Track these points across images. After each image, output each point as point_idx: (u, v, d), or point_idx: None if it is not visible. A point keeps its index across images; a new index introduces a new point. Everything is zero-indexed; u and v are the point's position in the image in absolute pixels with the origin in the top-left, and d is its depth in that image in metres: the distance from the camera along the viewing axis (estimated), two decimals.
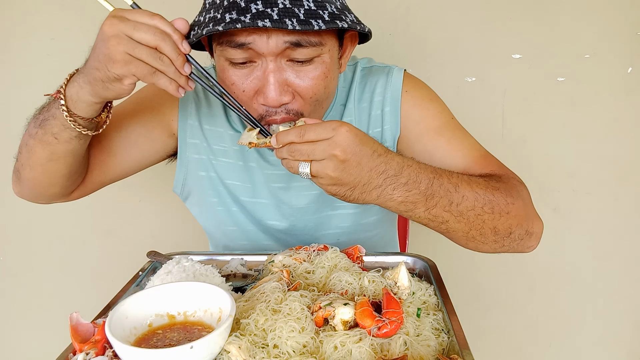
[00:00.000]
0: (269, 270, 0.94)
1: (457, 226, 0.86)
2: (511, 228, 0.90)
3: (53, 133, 0.87)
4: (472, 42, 1.68)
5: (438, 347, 0.75)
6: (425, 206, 0.82)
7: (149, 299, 0.74)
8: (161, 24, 0.76)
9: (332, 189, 0.79)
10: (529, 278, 1.91)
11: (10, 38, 1.69)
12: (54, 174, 0.95)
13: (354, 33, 0.97)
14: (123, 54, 0.73)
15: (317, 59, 0.89)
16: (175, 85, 0.78)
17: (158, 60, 0.75)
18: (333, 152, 0.74)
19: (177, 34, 0.77)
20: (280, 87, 0.87)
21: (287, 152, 0.77)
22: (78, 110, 0.83)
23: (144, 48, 0.74)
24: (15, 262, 1.91)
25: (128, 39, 0.73)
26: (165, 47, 0.75)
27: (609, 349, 1.97)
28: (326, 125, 0.75)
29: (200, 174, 1.14)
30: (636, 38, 1.65)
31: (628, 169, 1.78)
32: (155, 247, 1.06)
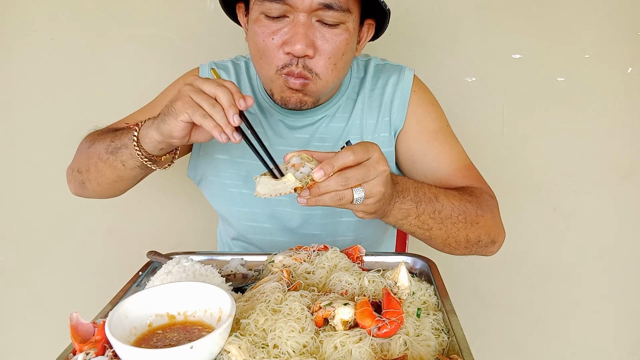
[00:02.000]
0: (269, 270, 0.94)
1: (438, 233, 0.96)
2: (480, 237, 1.01)
3: (122, 160, 0.99)
4: (472, 42, 1.68)
5: (438, 347, 0.75)
6: (416, 213, 0.91)
7: (149, 299, 0.74)
8: (228, 84, 0.85)
9: (375, 206, 0.83)
10: (529, 278, 1.91)
11: (10, 38, 1.69)
12: (116, 189, 1.12)
13: (372, 24, 1.10)
14: (186, 96, 0.84)
15: (342, 25, 0.99)
16: (219, 130, 0.83)
17: (210, 106, 0.83)
18: (383, 167, 0.79)
19: (238, 94, 0.85)
20: (307, 39, 0.96)
21: (339, 182, 0.76)
22: (144, 144, 0.94)
23: (204, 95, 0.84)
24: (15, 262, 1.91)
25: (197, 88, 0.85)
26: (221, 96, 0.83)
27: (609, 349, 1.97)
28: (365, 144, 0.79)
29: (214, 156, 1.21)
30: (636, 38, 1.65)
31: (628, 169, 1.78)
32: (155, 247, 1.06)
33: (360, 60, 1.24)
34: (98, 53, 1.70)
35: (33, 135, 1.78)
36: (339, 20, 0.97)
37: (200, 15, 1.66)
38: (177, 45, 1.69)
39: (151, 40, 1.68)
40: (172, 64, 1.70)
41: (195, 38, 1.68)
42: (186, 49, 1.69)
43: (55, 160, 1.80)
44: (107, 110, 1.74)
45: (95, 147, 1.05)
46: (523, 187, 1.81)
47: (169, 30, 1.68)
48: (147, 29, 1.68)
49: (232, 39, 1.57)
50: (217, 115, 0.82)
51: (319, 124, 1.18)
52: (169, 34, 1.68)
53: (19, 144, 1.79)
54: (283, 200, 1.19)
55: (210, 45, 1.68)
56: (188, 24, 1.67)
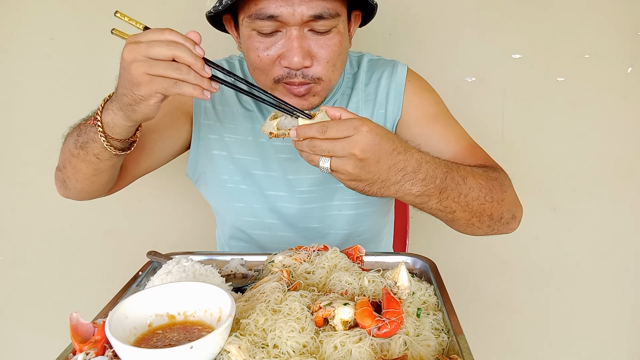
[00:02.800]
0: (269, 270, 0.94)
1: (461, 215, 0.94)
2: (502, 214, 1.00)
3: (95, 154, 0.94)
4: (472, 42, 1.68)
5: (438, 347, 0.75)
6: (438, 198, 0.89)
7: (149, 299, 0.74)
8: (172, 36, 0.78)
9: (351, 184, 0.83)
10: (529, 278, 1.91)
11: (10, 38, 1.69)
12: (98, 183, 1.05)
13: (358, 13, 1.10)
14: (143, 75, 0.77)
15: (334, 30, 1.00)
16: (200, 90, 0.80)
17: (177, 70, 0.77)
18: (352, 151, 0.78)
19: (189, 42, 0.79)
20: (303, 51, 0.97)
21: (308, 146, 0.80)
22: (115, 134, 0.90)
23: (162, 62, 0.77)
24: (15, 262, 1.91)
25: (145, 59, 0.77)
26: (180, 55, 0.77)
27: (609, 349, 1.97)
28: (348, 123, 0.78)
29: (213, 153, 1.21)
30: (636, 38, 1.65)
31: (628, 169, 1.78)
32: (155, 247, 1.06)
33: (353, 55, 1.25)
34: (98, 53, 1.70)
35: (33, 135, 1.78)
36: (330, 26, 0.99)
37: (200, 15, 1.66)
38: None
39: None
40: None
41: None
42: None
43: (55, 161, 1.79)
44: None
45: (66, 143, 1.01)
46: (523, 187, 1.80)
47: None
48: None
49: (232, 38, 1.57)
50: (189, 77, 0.78)
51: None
52: None
53: (19, 144, 1.79)
54: (282, 196, 1.21)
55: (209, 45, 1.68)
56: (188, 24, 1.67)
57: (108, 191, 1.13)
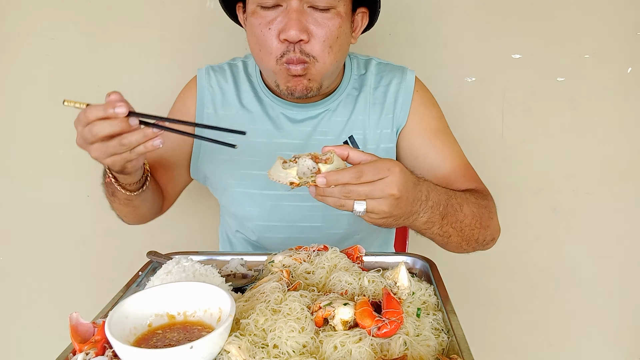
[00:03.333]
0: (269, 270, 0.94)
1: (455, 239, 1.01)
2: (486, 237, 1.08)
3: (125, 197, 1.06)
4: (472, 42, 1.68)
5: (438, 347, 0.75)
6: (440, 224, 0.95)
7: (149, 299, 0.74)
8: (94, 114, 0.81)
9: (380, 221, 0.85)
10: (529, 278, 1.91)
11: (10, 38, 1.69)
12: (145, 213, 1.21)
13: (365, 12, 1.14)
14: (104, 159, 0.86)
15: (333, 10, 1.04)
16: (150, 143, 0.84)
17: (121, 146, 0.82)
18: (391, 192, 0.80)
19: (109, 107, 0.81)
20: (300, 24, 1.01)
21: (341, 192, 0.79)
22: (128, 182, 1.02)
23: (107, 144, 0.82)
24: (15, 262, 1.91)
25: (96, 146, 0.83)
26: (111, 130, 0.81)
27: (609, 349, 1.97)
28: (380, 165, 0.80)
29: (214, 156, 1.24)
30: (636, 38, 1.65)
31: (628, 169, 1.78)
32: (155, 247, 1.06)
33: (360, 58, 1.27)
34: (98, 53, 1.70)
35: (33, 135, 1.78)
36: (329, 5, 1.02)
37: (200, 15, 1.66)
38: (177, 45, 1.69)
39: (151, 40, 1.68)
40: (172, 64, 1.70)
41: (195, 38, 1.68)
42: (186, 49, 1.69)
43: (55, 160, 1.80)
44: None
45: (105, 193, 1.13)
46: (523, 187, 1.81)
47: (169, 30, 1.68)
48: (147, 29, 1.68)
49: (232, 38, 1.58)
50: (133, 141, 0.82)
51: (320, 118, 1.21)
52: (169, 34, 1.68)
53: (19, 144, 1.79)
54: (284, 195, 1.21)
55: (210, 45, 1.68)
56: (188, 24, 1.67)
57: (159, 212, 1.29)
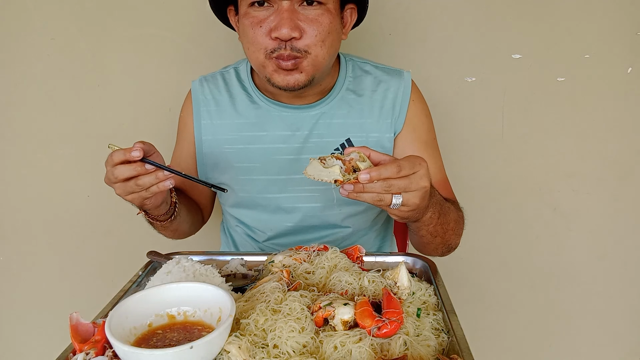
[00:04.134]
0: (269, 270, 0.94)
1: (438, 240, 1.07)
2: (453, 245, 1.15)
3: (160, 226, 1.14)
4: (472, 42, 1.68)
5: (438, 347, 0.76)
6: (436, 222, 1.00)
7: (149, 299, 0.74)
8: (117, 156, 0.91)
9: (409, 213, 0.89)
10: (529, 278, 1.91)
11: (10, 38, 1.69)
12: (186, 229, 1.27)
13: (354, 8, 1.15)
14: (126, 196, 0.95)
15: (323, 6, 1.06)
16: (162, 184, 0.92)
17: (137, 186, 0.92)
18: (425, 184, 0.85)
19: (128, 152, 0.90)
20: (292, 22, 1.02)
21: (382, 187, 0.83)
22: (157, 214, 1.08)
23: (126, 184, 0.92)
24: (15, 262, 1.91)
25: (116, 185, 0.93)
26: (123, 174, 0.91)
27: (609, 349, 1.97)
28: (414, 160, 0.85)
29: (217, 165, 1.26)
30: (636, 38, 1.65)
31: (628, 169, 1.78)
32: (155, 247, 1.07)
33: (356, 61, 1.27)
34: (98, 53, 1.70)
35: (33, 135, 1.78)
36: (319, 1, 1.04)
37: (200, 15, 1.66)
38: (177, 45, 1.69)
39: (151, 40, 1.68)
40: (172, 64, 1.70)
41: (195, 38, 1.68)
42: (186, 49, 1.69)
43: (56, 161, 1.80)
44: (107, 110, 1.75)
45: None
46: (523, 187, 1.81)
47: (169, 30, 1.68)
48: (147, 29, 1.68)
49: (232, 38, 1.57)
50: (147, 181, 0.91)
51: (317, 120, 1.20)
52: (169, 34, 1.68)
53: (19, 144, 1.79)
54: (286, 197, 1.23)
55: (210, 45, 1.68)
56: (188, 24, 1.67)
57: (202, 223, 1.37)
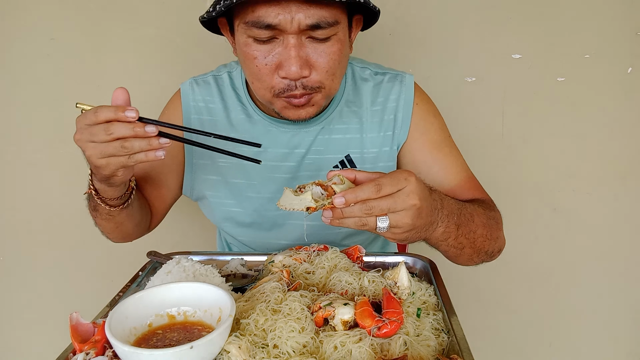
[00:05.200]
0: (269, 270, 0.94)
1: (468, 251, 0.96)
2: (494, 249, 1.04)
3: (107, 212, 1.01)
4: (472, 42, 1.68)
5: (438, 347, 0.75)
6: (455, 235, 0.91)
7: (149, 299, 0.74)
8: (105, 114, 0.79)
9: (404, 235, 0.80)
10: (529, 278, 1.91)
11: (10, 38, 1.69)
12: (127, 230, 1.12)
13: (360, 17, 1.06)
14: (98, 160, 0.81)
15: (334, 37, 0.96)
16: (152, 153, 0.81)
17: (123, 149, 0.79)
18: (413, 202, 0.76)
19: (120, 111, 0.79)
20: (301, 60, 0.94)
21: (362, 210, 0.75)
22: (109, 197, 0.96)
23: (108, 145, 0.79)
24: (15, 262, 1.91)
25: (94, 145, 0.80)
26: (119, 133, 0.78)
27: (609, 349, 1.97)
28: (397, 176, 0.77)
29: (207, 177, 1.20)
30: (636, 38, 1.65)
31: (628, 169, 1.78)
32: (155, 247, 1.06)
33: (355, 65, 1.19)
34: (98, 53, 1.70)
35: (33, 135, 1.78)
36: (329, 34, 0.94)
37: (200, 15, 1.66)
38: (177, 45, 1.69)
39: (151, 40, 1.68)
40: (172, 64, 1.70)
41: (195, 38, 1.68)
42: (186, 49, 1.69)
43: (55, 161, 1.80)
44: None
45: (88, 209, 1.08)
46: (523, 187, 1.81)
47: (169, 30, 1.68)
48: (147, 29, 1.68)
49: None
50: (136, 148, 0.79)
51: (315, 137, 1.15)
52: (169, 34, 1.68)
53: (19, 144, 1.79)
54: (281, 214, 1.17)
55: (210, 45, 1.68)
56: (188, 24, 1.67)
57: (148, 229, 1.22)
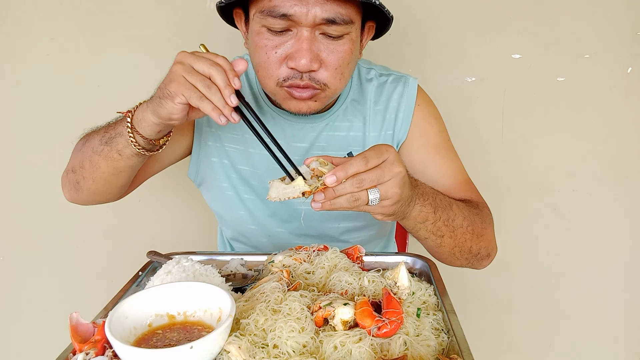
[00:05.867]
0: (269, 270, 0.94)
1: (448, 241, 0.97)
2: (480, 249, 1.03)
3: (118, 150, 0.96)
4: (472, 42, 1.68)
5: (438, 347, 0.75)
6: (433, 218, 0.92)
7: (149, 299, 0.74)
8: (219, 60, 0.83)
9: (393, 208, 0.82)
10: (529, 278, 1.91)
11: (10, 38, 1.69)
12: (114, 186, 1.06)
13: (372, 24, 1.08)
14: (179, 76, 0.82)
15: (346, 36, 0.98)
16: (218, 112, 0.81)
17: (206, 88, 0.80)
18: (398, 169, 0.79)
19: (232, 72, 0.82)
20: (312, 54, 0.95)
21: (354, 184, 0.77)
22: (141, 129, 0.91)
23: (199, 75, 0.81)
24: (15, 262, 1.91)
25: (189, 67, 0.82)
26: (216, 77, 0.80)
27: (609, 349, 1.97)
28: (379, 148, 0.80)
29: (213, 160, 1.20)
30: (636, 38, 1.65)
31: (628, 169, 1.78)
32: (155, 247, 1.06)
33: (362, 66, 1.22)
34: (98, 53, 1.70)
35: (33, 135, 1.78)
36: (342, 32, 0.96)
37: (200, 15, 1.66)
38: (177, 45, 1.69)
39: (151, 40, 1.68)
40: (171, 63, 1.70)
41: (195, 38, 1.68)
42: (186, 48, 1.68)
43: (55, 160, 1.80)
44: (107, 110, 1.74)
45: (89, 142, 1.02)
46: (523, 187, 1.81)
47: (169, 30, 1.68)
48: (147, 29, 1.68)
49: (232, 39, 1.57)
50: (214, 97, 0.80)
51: (319, 133, 1.17)
52: (169, 34, 1.68)
53: (19, 144, 1.79)
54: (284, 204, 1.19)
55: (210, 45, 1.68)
56: (188, 24, 1.67)
57: (119, 195, 1.14)
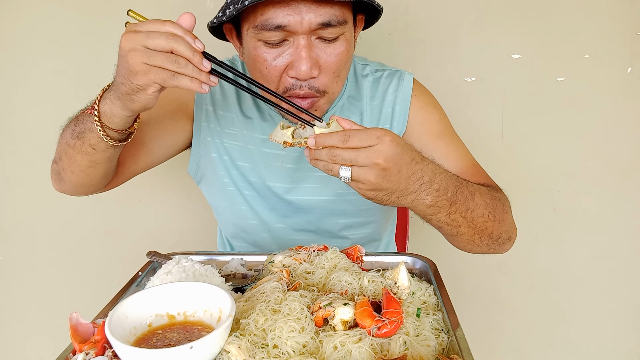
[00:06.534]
0: (269, 270, 0.94)
1: (465, 230, 0.95)
2: (501, 234, 1.01)
3: (91, 144, 0.91)
4: (472, 42, 1.68)
5: (438, 347, 0.75)
6: (447, 211, 0.90)
7: (149, 299, 0.74)
8: (172, 28, 0.77)
9: (370, 193, 0.82)
10: (529, 278, 1.91)
11: (11, 38, 1.69)
12: (93, 176, 1.01)
13: (361, 17, 1.07)
14: (141, 65, 0.76)
15: (342, 37, 0.97)
16: (198, 83, 0.78)
17: (174, 63, 0.76)
18: (376, 160, 0.77)
19: (189, 35, 0.78)
20: (311, 61, 0.95)
21: (327, 155, 0.78)
22: (112, 124, 0.87)
23: (160, 54, 0.75)
24: (15, 262, 1.91)
25: (144, 49, 0.75)
26: (179, 48, 0.76)
27: (609, 349, 1.97)
28: (370, 132, 0.78)
29: (213, 156, 1.20)
30: (636, 38, 1.65)
31: (628, 169, 1.78)
32: (155, 247, 1.06)
33: (357, 63, 1.22)
34: (98, 53, 1.70)
35: (33, 135, 1.78)
36: (338, 34, 0.96)
37: (200, 15, 1.65)
38: None
39: None
40: None
41: None
42: None
43: None
44: None
45: (63, 135, 0.99)
46: (523, 187, 1.81)
47: None
48: None
49: None
50: (187, 70, 0.76)
51: None
52: None
53: (19, 144, 1.79)
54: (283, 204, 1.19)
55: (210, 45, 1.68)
56: None
57: (105, 187, 1.10)
